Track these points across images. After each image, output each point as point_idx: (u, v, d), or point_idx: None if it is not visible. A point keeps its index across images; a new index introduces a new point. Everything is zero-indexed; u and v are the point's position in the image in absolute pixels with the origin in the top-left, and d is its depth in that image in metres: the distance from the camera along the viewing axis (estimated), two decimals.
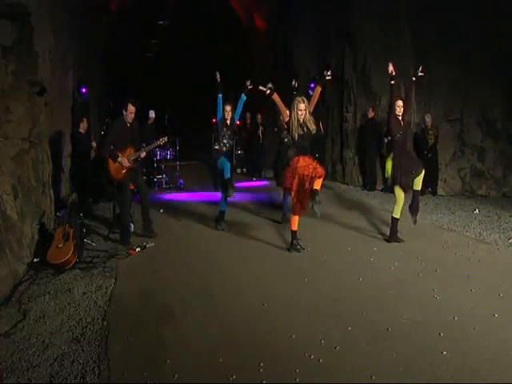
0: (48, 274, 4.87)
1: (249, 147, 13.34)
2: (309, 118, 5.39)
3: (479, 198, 9.22)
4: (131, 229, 6.26)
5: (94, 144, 9.13)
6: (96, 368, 3.05)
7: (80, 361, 3.15)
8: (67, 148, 7.95)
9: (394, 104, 5.77)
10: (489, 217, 7.37)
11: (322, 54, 12.03)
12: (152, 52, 23.88)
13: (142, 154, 6.17)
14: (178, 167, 10.97)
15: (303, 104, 5.33)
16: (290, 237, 5.65)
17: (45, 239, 5.37)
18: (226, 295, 4.30)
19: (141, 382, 2.90)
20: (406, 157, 5.77)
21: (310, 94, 10.54)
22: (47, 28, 5.91)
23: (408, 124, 6.14)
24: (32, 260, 5.12)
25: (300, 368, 3.00)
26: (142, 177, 6.64)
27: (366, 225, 6.88)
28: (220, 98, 6.49)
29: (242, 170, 13.76)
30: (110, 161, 5.96)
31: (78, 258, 5.17)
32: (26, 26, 5.05)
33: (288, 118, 5.41)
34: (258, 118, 12.73)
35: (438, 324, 3.60)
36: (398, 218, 5.88)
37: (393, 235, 5.91)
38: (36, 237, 5.38)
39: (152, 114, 10.68)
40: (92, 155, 8.76)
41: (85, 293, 4.36)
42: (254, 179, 12.30)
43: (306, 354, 3.17)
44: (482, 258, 5.27)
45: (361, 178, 10.98)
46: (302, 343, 3.33)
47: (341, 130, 11.60)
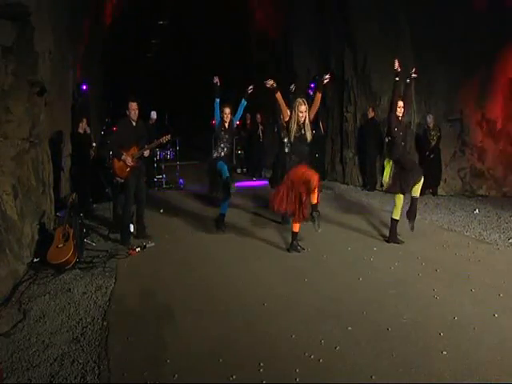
0: (48, 274, 4.87)
1: (249, 147, 13.35)
2: (308, 123, 5.31)
3: (479, 197, 9.22)
4: (131, 229, 6.26)
5: (94, 144, 9.12)
6: (96, 368, 3.06)
7: (80, 361, 3.15)
8: (67, 148, 7.94)
9: (396, 103, 5.72)
10: (489, 217, 7.37)
11: (322, 54, 12.03)
12: (152, 52, 23.89)
13: (146, 153, 6.17)
14: (178, 167, 10.97)
15: (304, 106, 5.27)
16: (291, 237, 5.65)
17: (45, 239, 5.37)
18: (226, 295, 4.30)
19: (141, 382, 2.91)
20: (406, 162, 5.73)
21: (310, 93, 10.60)
22: (47, 28, 5.91)
23: (408, 124, 6.14)
24: (32, 260, 5.12)
25: (300, 368, 3.01)
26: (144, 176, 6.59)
27: (365, 225, 6.88)
28: (217, 103, 6.37)
29: (242, 170, 13.77)
30: (115, 159, 6.00)
31: (78, 257, 5.18)
32: (26, 26, 5.05)
33: (288, 117, 5.36)
34: (257, 118, 12.74)
35: (438, 324, 3.60)
36: (397, 219, 5.88)
37: (392, 237, 5.91)
38: (36, 237, 5.38)
39: (154, 115, 10.66)
40: (92, 155, 8.75)
41: (85, 293, 4.36)
42: (255, 179, 12.31)
43: (306, 354, 3.17)
44: (482, 258, 5.27)
45: (361, 178, 10.98)
46: (301, 343, 3.34)
47: (341, 130, 11.60)
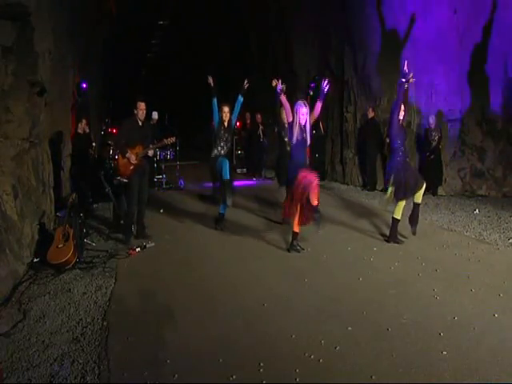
0: (48, 274, 4.87)
1: (249, 147, 13.35)
2: (308, 126, 5.32)
3: (479, 197, 9.22)
4: (132, 229, 6.26)
5: (94, 144, 9.12)
6: (96, 368, 3.06)
7: (80, 361, 3.15)
8: (67, 148, 7.95)
9: (400, 106, 5.63)
10: (489, 217, 7.37)
11: (322, 54, 12.03)
12: (152, 52, 23.90)
13: (150, 152, 6.23)
14: (178, 167, 10.97)
15: (305, 109, 5.28)
16: (291, 237, 5.64)
17: (45, 239, 5.37)
18: (226, 295, 4.30)
19: (141, 382, 2.90)
20: (407, 171, 5.68)
21: (310, 93, 10.61)
22: (47, 28, 5.91)
23: (407, 124, 6.15)
24: (32, 260, 5.12)
25: (300, 368, 3.00)
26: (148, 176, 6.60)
27: (365, 225, 6.88)
28: (215, 103, 6.40)
29: (242, 170, 13.77)
30: (119, 156, 6.07)
31: (78, 258, 5.18)
32: (26, 26, 5.05)
33: (292, 118, 5.34)
34: (257, 118, 12.73)
35: (438, 324, 3.60)
36: (398, 218, 5.86)
37: (392, 236, 5.90)
38: (36, 237, 5.38)
39: (155, 115, 10.66)
40: (91, 154, 8.75)
41: (85, 293, 4.36)
42: (255, 179, 12.30)
43: (306, 354, 3.17)
44: (482, 258, 5.27)
45: (361, 179, 10.99)
46: (302, 343, 3.34)
47: (341, 130, 11.60)
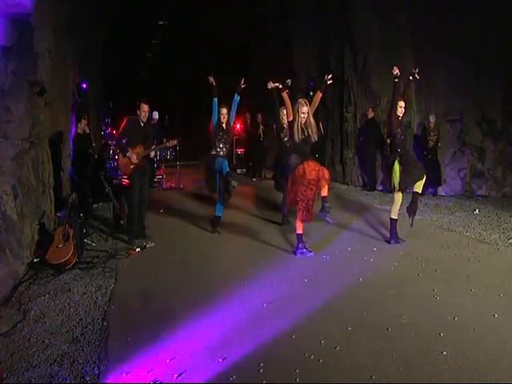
0: (48, 274, 4.87)
1: (249, 147, 13.35)
2: (310, 122, 5.27)
3: (479, 198, 9.23)
4: None
5: (94, 144, 9.11)
6: (96, 368, 3.06)
7: (80, 361, 3.15)
8: (67, 148, 7.95)
9: (397, 103, 5.69)
10: (489, 217, 7.37)
11: (321, 54, 12.03)
12: (152, 52, 23.89)
13: (152, 153, 6.27)
14: (178, 167, 10.97)
15: (306, 107, 5.25)
16: (296, 240, 5.51)
17: (45, 239, 5.37)
18: (226, 295, 4.29)
19: (141, 382, 2.90)
20: (409, 161, 5.72)
21: (310, 93, 10.60)
22: (47, 28, 5.91)
23: (408, 124, 6.14)
24: (32, 260, 5.12)
25: (300, 368, 3.00)
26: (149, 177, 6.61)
27: (366, 225, 6.88)
28: (215, 102, 6.38)
29: (242, 170, 13.76)
30: (120, 156, 6.09)
31: (78, 258, 5.18)
32: (26, 26, 5.05)
33: (292, 118, 5.30)
34: (258, 118, 12.73)
35: (438, 324, 3.59)
36: (395, 218, 5.86)
37: (393, 237, 5.90)
38: (36, 237, 5.38)
39: (155, 115, 10.66)
40: (91, 154, 8.74)
41: (85, 293, 4.36)
42: (255, 179, 12.29)
43: (306, 354, 3.17)
44: (482, 258, 5.27)
45: (361, 179, 10.99)
46: (302, 343, 3.33)
47: (341, 130, 11.60)
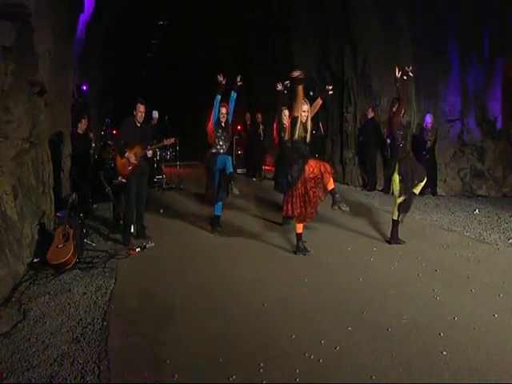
0: (48, 274, 4.87)
1: (249, 147, 13.34)
2: (309, 123, 5.37)
3: (479, 198, 9.22)
4: (131, 229, 6.25)
5: (93, 144, 9.10)
6: (96, 368, 3.06)
7: (80, 361, 3.15)
8: (67, 148, 7.93)
9: (402, 104, 5.66)
10: (489, 217, 7.37)
11: (322, 54, 12.03)
12: (152, 52, 23.90)
13: (149, 153, 6.22)
14: (178, 167, 10.96)
15: (306, 106, 5.35)
16: (296, 239, 5.57)
17: (45, 239, 5.36)
18: (226, 295, 4.30)
19: (141, 382, 2.91)
20: (409, 166, 5.70)
21: (310, 93, 10.60)
22: (47, 28, 5.90)
23: (407, 125, 6.15)
24: (32, 260, 5.12)
25: (300, 368, 3.01)
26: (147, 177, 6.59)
27: (366, 225, 6.88)
28: (218, 100, 6.38)
29: (242, 170, 13.76)
30: (118, 156, 6.05)
31: (77, 258, 5.18)
32: (25, 26, 5.05)
33: (297, 113, 5.34)
34: (257, 118, 12.73)
35: (438, 324, 3.60)
36: (398, 220, 5.88)
37: (394, 237, 5.90)
38: (36, 237, 5.38)
39: (155, 114, 10.65)
40: (91, 154, 8.73)
41: (85, 293, 4.36)
42: (254, 179, 12.29)
43: (306, 354, 3.17)
44: (482, 258, 5.27)
45: (361, 179, 10.99)
46: (302, 343, 3.34)
47: (341, 130, 11.60)
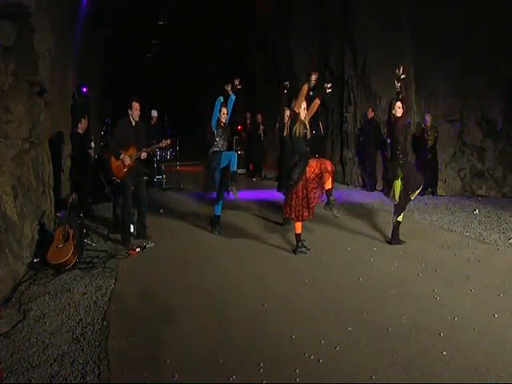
0: (48, 274, 4.87)
1: (249, 147, 13.35)
2: (307, 121, 5.47)
3: (479, 198, 9.22)
4: (131, 230, 6.25)
5: (93, 144, 9.10)
6: (96, 368, 3.05)
7: (80, 361, 3.15)
8: (67, 148, 7.94)
9: (405, 105, 5.64)
10: (489, 217, 7.37)
11: (322, 54, 12.04)
12: (152, 52, 23.89)
13: (143, 155, 6.12)
14: (178, 167, 10.97)
15: (305, 103, 5.45)
16: (295, 240, 5.58)
17: (45, 239, 5.37)
18: (226, 295, 4.30)
19: (141, 382, 2.90)
20: (409, 172, 5.70)
21: (310, 94, 10.59)
22: (47, 28, 5.91)
23: (407, 125, 6.14)
24: (32, 260, 5.12)
25: (300, 368, 3.00)
26: (144, 177, 6.57)
27: (366, 225, 6.88)
28: (221, 101, 6.39)
29: (242, 170, 13.76)
30: (113, 158, 5.95)
31: (77, 258, 5.18)
32: (25, 26, 5.05)
33: (298, 110, 5.40)
34: (258, 118, 12.74)
35: (438, 324, 3.60)
36: (399, 221, 5.87)
37: (395, 238, 5.89)
38: (36, 237, 5.38)
39: (154, 113, 10.64)
40: (91, 154, 8.73)
41: (85, 293, 4.36)
42: (254, 179, 12.29)
43: (306, 354, 3.17)
44: (482, 258, 5.27)
45: (361, 179, 10.99)
46: (302, 343, 3.34)
47: (341, 130, 11.61)
